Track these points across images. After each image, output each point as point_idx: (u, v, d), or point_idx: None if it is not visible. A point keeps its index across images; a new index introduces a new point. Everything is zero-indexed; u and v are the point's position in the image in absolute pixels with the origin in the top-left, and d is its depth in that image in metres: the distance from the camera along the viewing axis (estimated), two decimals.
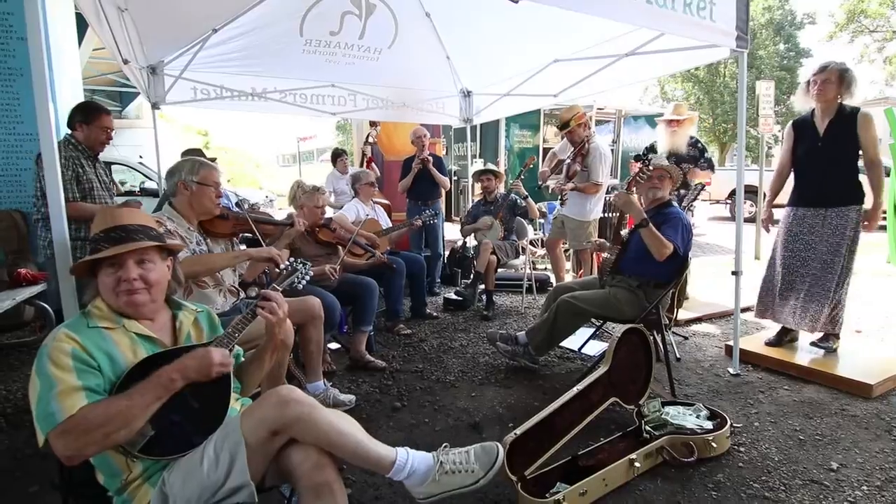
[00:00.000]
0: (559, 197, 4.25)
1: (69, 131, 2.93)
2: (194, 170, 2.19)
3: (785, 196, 3.17)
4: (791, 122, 3.12)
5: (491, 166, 4.93)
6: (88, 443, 1.10)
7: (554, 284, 4.28)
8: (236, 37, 3.69)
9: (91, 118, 2.88)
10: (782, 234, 3.07)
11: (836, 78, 2.79)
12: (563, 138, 4.51)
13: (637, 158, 2.89)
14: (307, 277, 1.64)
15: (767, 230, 3.28)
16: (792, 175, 3.08)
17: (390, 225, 4.14)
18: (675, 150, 3.99)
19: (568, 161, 4.29)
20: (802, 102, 2.98)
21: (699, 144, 4.24)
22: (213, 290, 2.24)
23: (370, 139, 5.61)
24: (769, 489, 1.91)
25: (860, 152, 2.84)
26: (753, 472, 2.01)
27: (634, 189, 2.86)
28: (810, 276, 2.94)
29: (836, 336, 3.01)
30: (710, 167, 4.20)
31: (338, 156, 6.55)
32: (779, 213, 3.22)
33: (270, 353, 1.53)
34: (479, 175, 4.64)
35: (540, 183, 4.84)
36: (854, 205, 2.84)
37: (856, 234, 2.85)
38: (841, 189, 2.86)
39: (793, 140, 3.04)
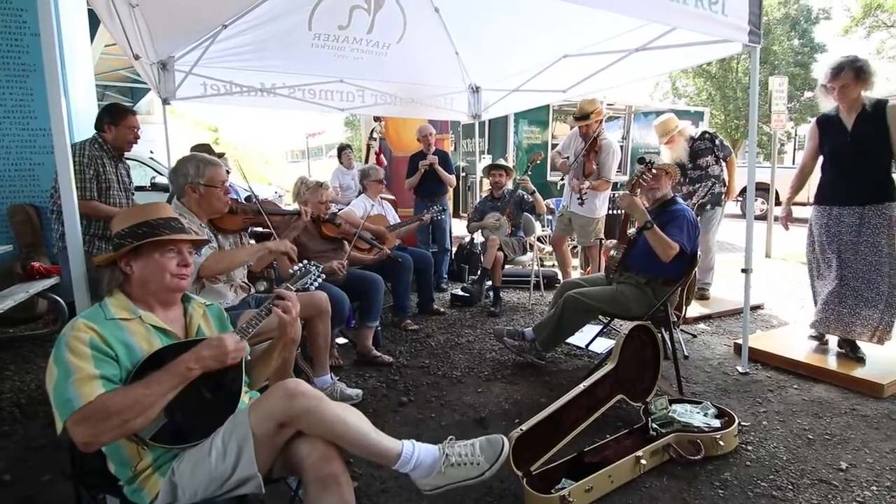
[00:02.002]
0: (579, 197, 4.23)
1: (96, 132, 2.96)
2: (200, 171, 2.14)
3: (801, 195, 3.08)
4: (815, 119, 3.03)
5: (501, 161, 4.92)
6: (106, 429, 1.12)
7: (561, 281, 4.27)
8: (245, 31, 3.70)
9: (118, 119, 2.93)
10: (820, 236, 2.94)
11: (853, 79, 2.70)
12: (571, 128, 4.48)
13: (640, 161, 2.87)
14: (319, 280, 1.65)
15: (786, 228, 3.17)
16: (819, 173, 2.98)
17: (398, 220, 4.15)
18: (678, 160, 4.05)
19: (581, 158, 4.26)
20: (825, 102, 2.91)
21: (706, 135, 4.18)
22: (225, 286, 2.26)
23: (375, 135, 5.60)
24: (777, 488, 1.90)
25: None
26: (761, 471, 2.00)
27: (638, 191, 2.84)
28: (858, 278, 2.82)
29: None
30: (728, 152, 4.18)
31: (342, 150, 6.53)
32: (798, 212, 3.11)
33: (280, 350, 1.56)
34: (489, 170, 4.63)
35: (563, 176, 4.82)
36: (892, 201, 2.72)
37: None
38: (876, 185, 2.76)
39: (818, 137, 2.95)
